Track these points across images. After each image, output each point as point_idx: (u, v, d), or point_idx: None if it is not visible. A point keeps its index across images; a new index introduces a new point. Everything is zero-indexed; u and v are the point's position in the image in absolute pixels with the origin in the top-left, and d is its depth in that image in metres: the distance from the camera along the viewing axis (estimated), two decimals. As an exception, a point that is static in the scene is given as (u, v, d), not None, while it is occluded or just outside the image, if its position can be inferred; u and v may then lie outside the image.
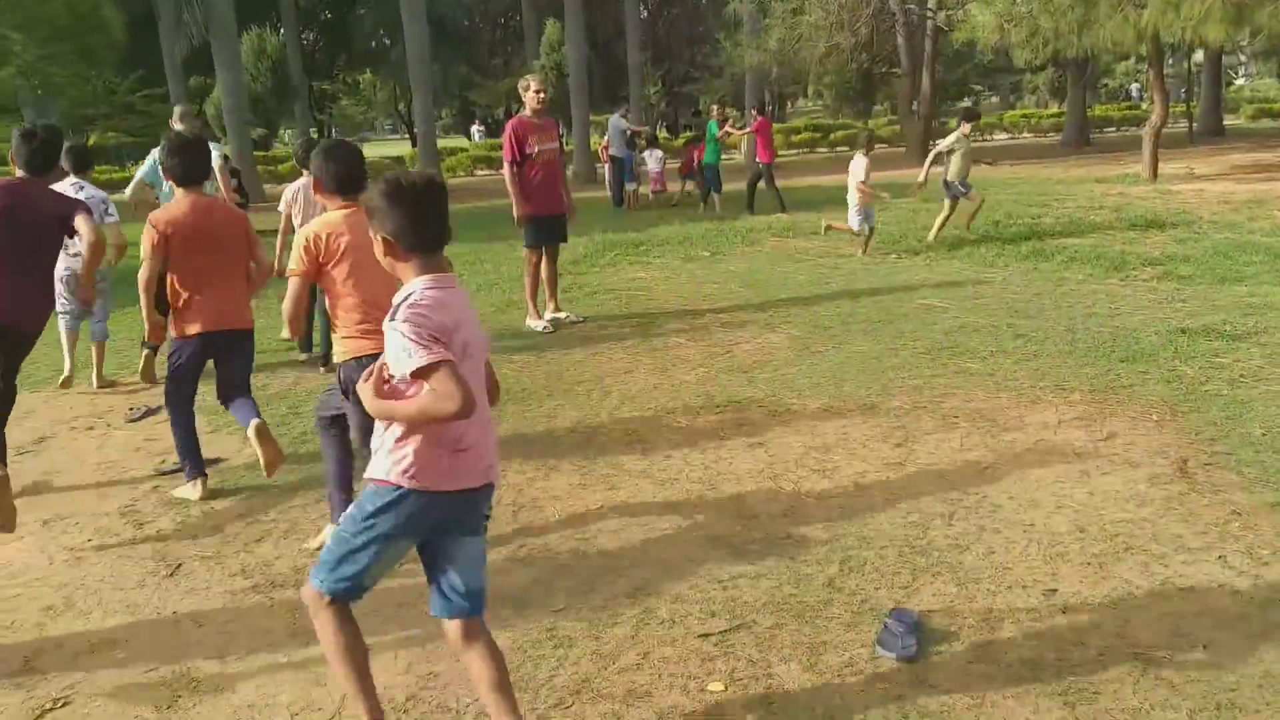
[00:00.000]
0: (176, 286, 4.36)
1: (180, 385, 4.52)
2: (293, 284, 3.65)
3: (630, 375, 6.22)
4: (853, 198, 10.28)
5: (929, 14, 23.29)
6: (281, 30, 36.51)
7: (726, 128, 16.63)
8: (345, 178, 3.65)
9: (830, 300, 8.16)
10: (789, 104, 49.39)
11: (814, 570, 3.50)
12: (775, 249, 11.51)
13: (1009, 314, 7.28)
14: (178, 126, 7.72)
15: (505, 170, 7.47)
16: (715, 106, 18.15)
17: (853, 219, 10.37)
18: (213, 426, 5.60)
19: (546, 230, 7.64)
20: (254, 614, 3.42)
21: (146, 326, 4.66)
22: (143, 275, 4.31)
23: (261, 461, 4.21)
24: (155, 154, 6.32)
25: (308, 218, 5.96)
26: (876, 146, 11.96)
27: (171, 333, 4.49)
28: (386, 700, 2.84)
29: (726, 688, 2.82)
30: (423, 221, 2.36)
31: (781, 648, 3.01)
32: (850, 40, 24.45)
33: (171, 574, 3.78)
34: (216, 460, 4.93)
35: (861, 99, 35.59)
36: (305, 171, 5.78)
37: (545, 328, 7.60)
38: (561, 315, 7.92)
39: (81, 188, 6.10)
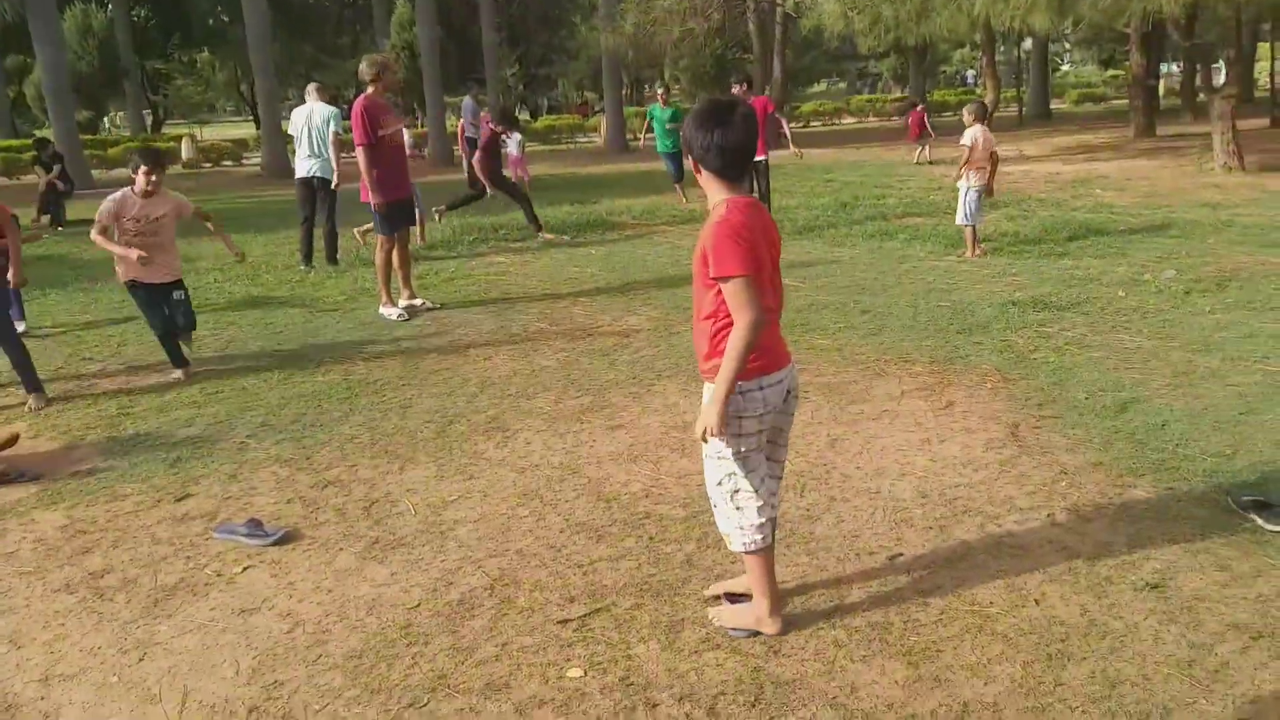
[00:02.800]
0: None
1: None
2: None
3: (489, 362, 6.12)
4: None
5: (778, 1, 23.82)
6: (109, 6, 34.17)
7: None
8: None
9: (689, 282, 8.23)
10: (645, 88, 49.68)
11: (672, 549, 3.52)
12: (635, 232, 11.56)
13: (856, 291, 7.54)
14: None
15: (360, 154, 7.16)
16: (661, 89, 15.64)
17: None
18: (34, 432, 5.20)
19: (399, 214, 7.42)
20: (81, 633, 3.18)
21: None
22: None
23: None
24: None
25: None
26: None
27: None
28: (228, 714, 2.70)
29: (585, 672, 2.80)
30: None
31: (640, 628, 3.02)
32: (704, 25, 24.79)
33: (-15, 593, 3.47)
34: (39, 477, 4.56)
35: (716, 84, 36.12)
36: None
37: (400, 315, 7.39)
38: (417, 302, 7.72)
39: None
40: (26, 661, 3.03)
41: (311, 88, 10.11)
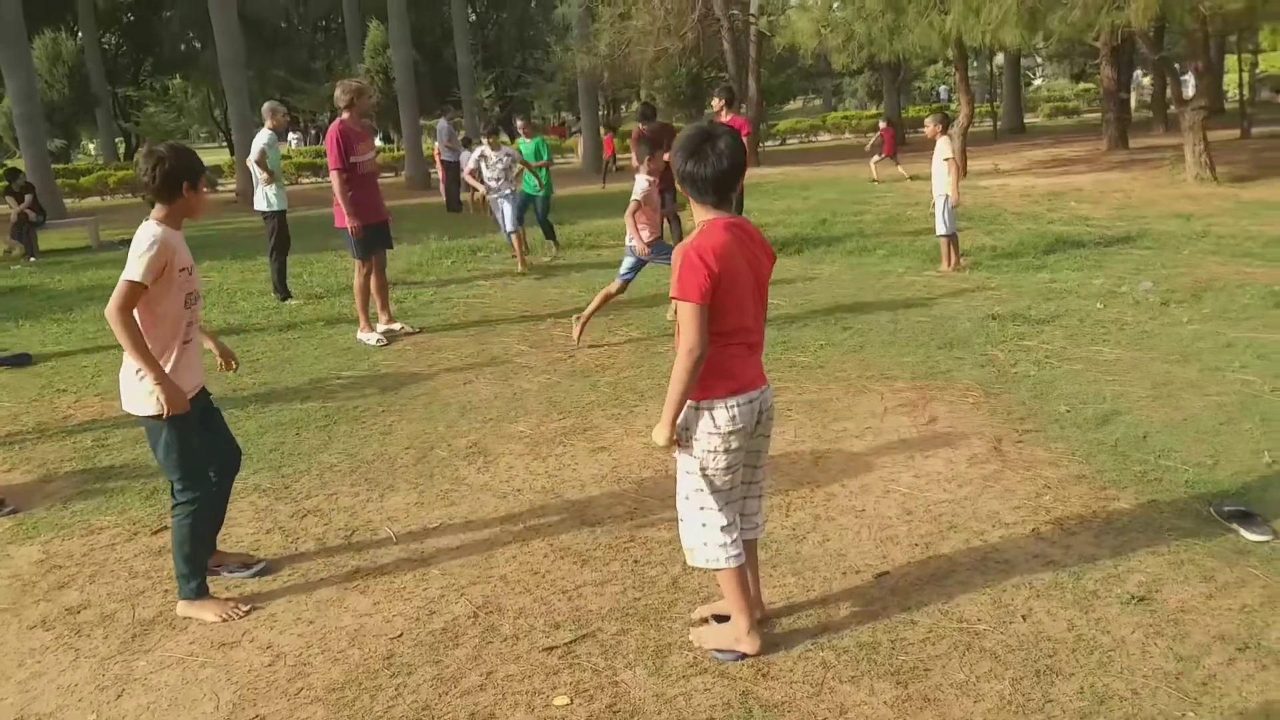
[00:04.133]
0: None
1: None
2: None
3: (469, 386, 6.08)
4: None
5: (751, 19, 24.01)
6: (79, 33, 34.02)
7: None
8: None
9: (669, 302, 8.25)
10: (623, 107, 49.90)
11: (658, 572, 3.50)
12: (614, 253, 11.56)
13: (836, 308, 7.56)
14: None
15: (334, 179, 7.14)
16: (521, 120, 12.63)
17: None
18: (8, 465, 5.12)
19: (375, 239, 7.39)
20: (58, 670, 3.11)
21: None
22: None
23: None
24: None
25: None
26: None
27: None
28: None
29: (572, 700, 2.77)
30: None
31: (627, 654, 2.99)
32: (678, 45, 24.93)
33: (-43, 633, 3.40)
34: (14, 510, 4.48)
35: (692, 102, 36.32)
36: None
37: (379, 340, 7.34)
38: (395, 326, 7.68)
39: None
40: (1, 701, 2.96)
41: (265, 108, 9.33)
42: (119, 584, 3.68)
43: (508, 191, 10.73)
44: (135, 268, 3.22)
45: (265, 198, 9.05)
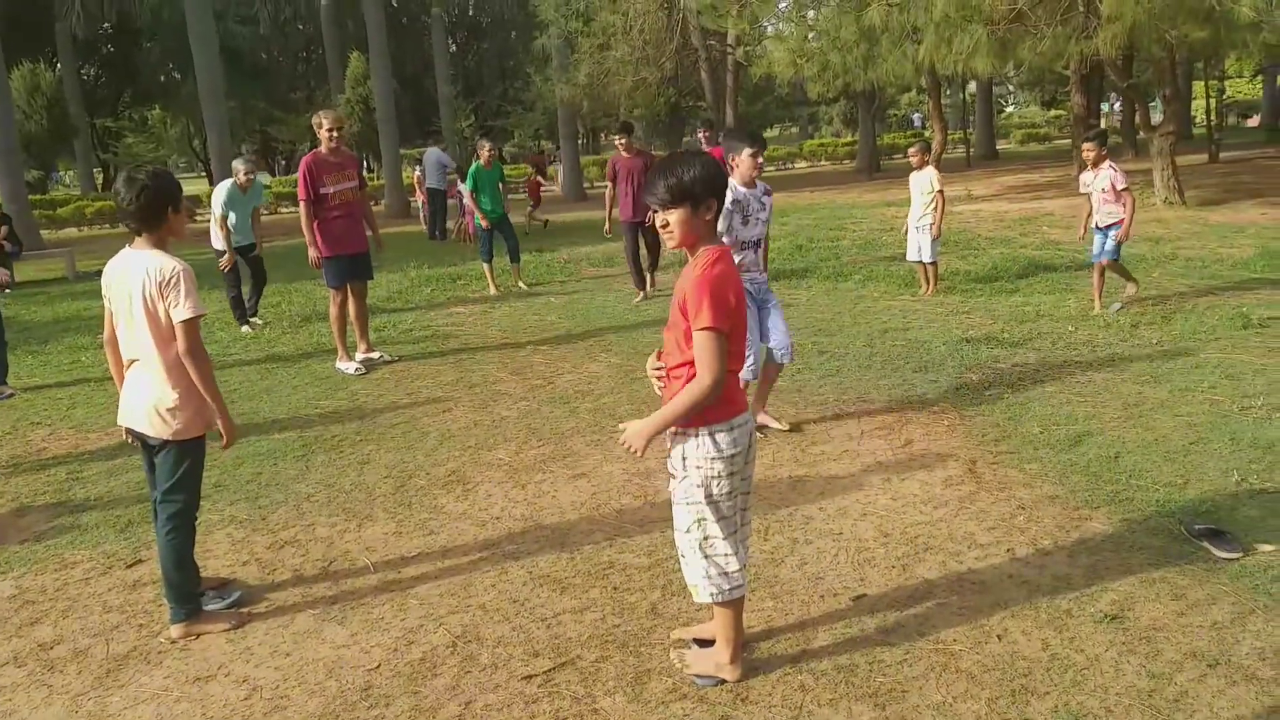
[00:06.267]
0: None
1: None
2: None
3: (448, 414, 6.08)
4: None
5: (729, 50, 24.30)
6: (58, 65, 33.96)
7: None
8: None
9: (649, 327, 8.29)
10: (602, 136, 50.24)
11: (637, 598, 3.50)
12: (593, 278, 11.62)
13: (813, 332, 7.63)
14: None
15: (301, 209, 7.20)
16: (487, 144, 11.31)
17: None
18: (-21, 500, 5.06)
19: (349, 269, 7.38)
20: (29, 707, 3.07)
21: None
22: None
23: None
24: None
25: None
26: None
27: None
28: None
29: (551, 728, 2.76)
30: None
31: (606, 680, 2.99)
32: (657, 75, 25.20)
33: (-73, 671, 3.35)
34: (-17, 537, 4.43)
35: (671, 131, 36.64)
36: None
37: (357, 369, 7.33)
38: (374, 355, 7.67)
39: None
40: (-30, 741, 2.92)
41: (234, 164, 9.67)
42: (93, 619, 3.64)
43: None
44: (191, 303, 3.30)
45: (216, 238, 9.48)
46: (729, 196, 4.59)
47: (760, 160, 4.97)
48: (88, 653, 3.39)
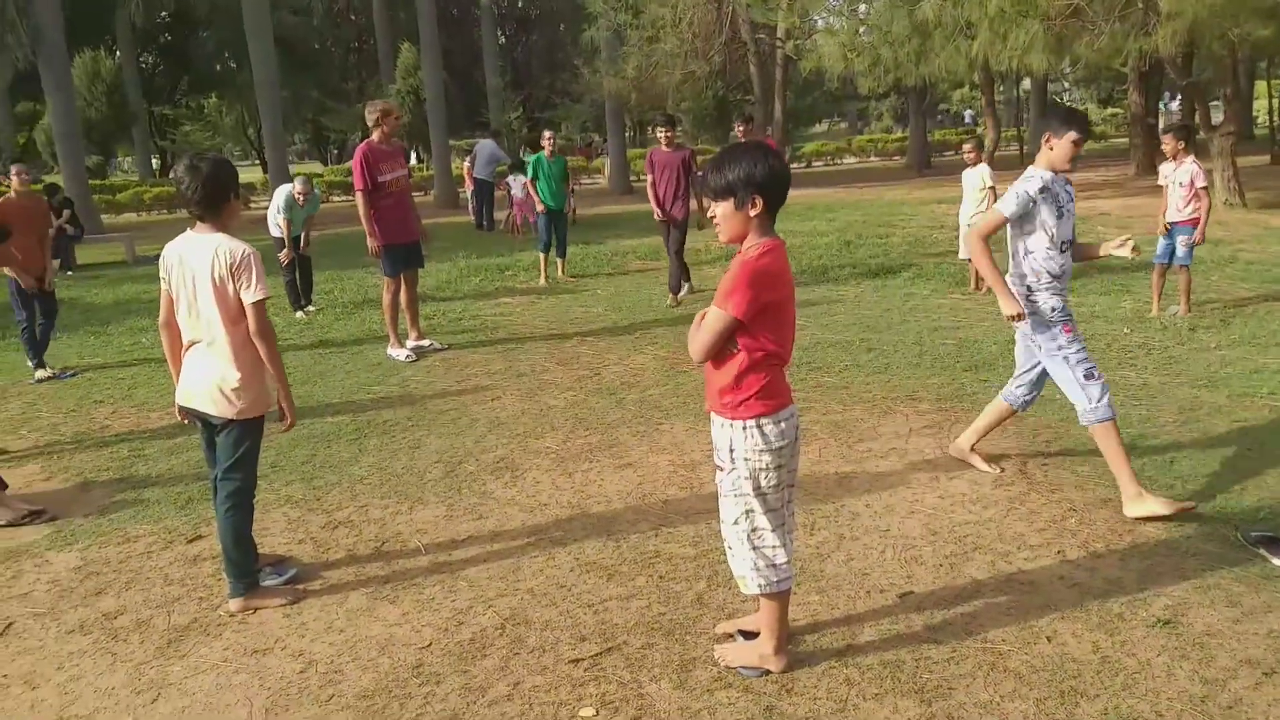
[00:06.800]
0: None
1: None
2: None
3: (497, 402, 6.15)
4: None
5: (778, 43, 24.16)
6: (117, 52, 34.73)
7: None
8: None
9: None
10: (649, 130, 50.25)
11: (683, 587, 3.53)
12: (640, 272, 11.65)
13: (861, 329, 7.59)
14: None
15: (359, 199, 7.28)
16: (548, 134, 11.71)
17: None
18: (47, 474, 5.24)
19: (403, 258, 7.50)
20: (95, 673, 3.19)
21: None
22: None
23: None
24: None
25: None
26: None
27: None
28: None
29: (597, 712, 2.80)
30: None
31: (652, 667, 3.02)
32: (705, 68, 25.12)
33: (1, 634, 3.48)
34: (54, 518, 4.58)
35: (718, 125, 36.53)
36: None
37: (408, 356, 7.44)
38: (425, 343, 7.78)
39: None
40: (41, 702, 3.04)
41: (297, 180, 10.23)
42: (154, 590, 3.76)
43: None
44: (261, 285, 3.42)
45: (273, 226, 9.88)
46: (1036, 184, 4.10)
47: (1081, 150, 4.18)
48: (150, 623, 3.50)
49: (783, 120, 25.94)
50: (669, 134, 9.36)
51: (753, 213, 2.69)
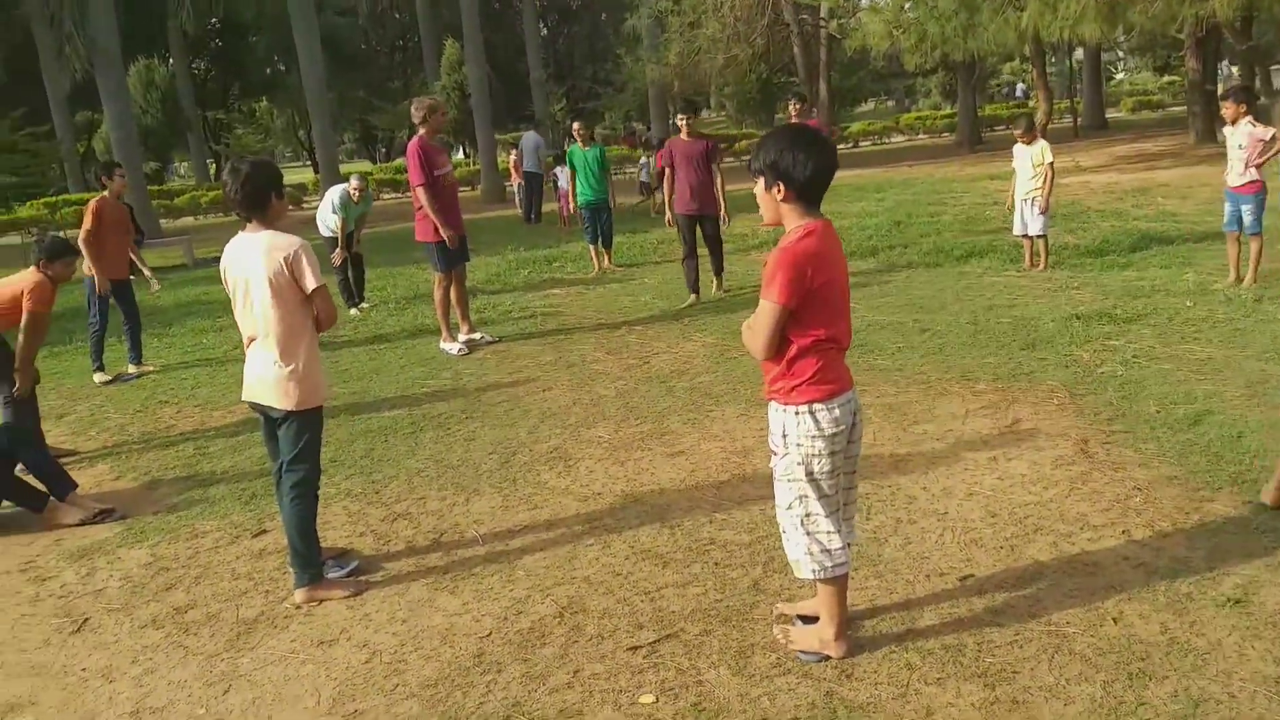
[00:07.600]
0: None
1: None
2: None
3: (548, 393, 6.19)
4: None
5: (822, 23, 23.89)
6: (170, 60, 35.50)
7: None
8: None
9: (743, 307, 8.26)
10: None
11: (739, 574, 3.53)
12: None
13: (914, 309, 7.49)
14: None
15: (421, 193, 7.26)
16: (579, 126, 11.91)
17: None
18: (116, 474, 5.40)
19: (456, 252, 7.57)
20: (168, 666, 3.29)
21: None
22: None
23: None
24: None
25: None
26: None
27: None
28: (312, 742, 2.76)
29: (658, 699, 2.82)
30: None
31: (710, 654, 3.03)
32: (748, 51, 24.97)
33: (77, 630, 3.61)
34: (124, 516, 4.72)
35: (763, 108, 36.23)
36: None
37: (460, 349, 7.52)
38: (476, 336, 7.86)
39: None
40: (118, 695, 3.14)
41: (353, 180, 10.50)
42: (223, 585, 3.86)
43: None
44: (315, 273, 3.52)
45: (324, 227, 10.12)
46: None
47: None
48: (219, 617, 3.60)
49: (828, 101, 25.66)
50: (690, 122, 8.61)
51: (779, 196, 2.70)
